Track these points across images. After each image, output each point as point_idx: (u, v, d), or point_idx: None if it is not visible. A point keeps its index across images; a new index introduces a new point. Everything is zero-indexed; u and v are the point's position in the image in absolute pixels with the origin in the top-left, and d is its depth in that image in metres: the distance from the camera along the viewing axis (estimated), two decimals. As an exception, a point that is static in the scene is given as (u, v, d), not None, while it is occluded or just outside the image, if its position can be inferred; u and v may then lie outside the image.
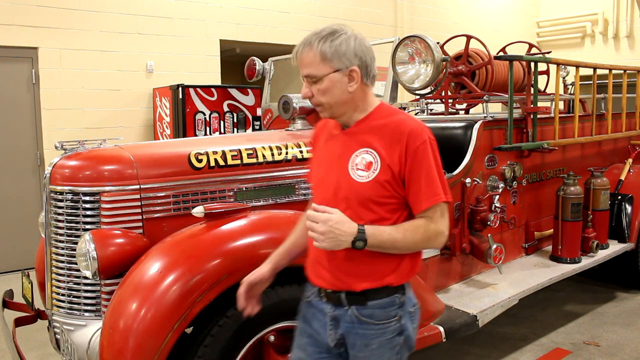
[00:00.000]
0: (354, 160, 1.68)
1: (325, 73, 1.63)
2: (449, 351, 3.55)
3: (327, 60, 1.62)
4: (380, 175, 1.63)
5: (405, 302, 1.73)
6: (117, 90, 6.52)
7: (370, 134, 1.68)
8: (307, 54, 1.63)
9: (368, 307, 1.68)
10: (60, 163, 2.43)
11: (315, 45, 1.62)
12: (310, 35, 1.64)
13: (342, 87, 1.64)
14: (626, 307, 4.33)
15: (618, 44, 10.48)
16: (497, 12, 10.86)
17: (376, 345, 1.69)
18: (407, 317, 1.73)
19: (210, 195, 2.51)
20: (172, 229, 2.37)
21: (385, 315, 1.69)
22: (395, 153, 1.63)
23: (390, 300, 1.69)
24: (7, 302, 2.96)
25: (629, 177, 4.44)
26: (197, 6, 7.09)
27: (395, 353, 1.72)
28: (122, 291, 2.08)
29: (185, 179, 2.47)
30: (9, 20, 5.75)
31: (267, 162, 2.68)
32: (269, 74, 4.13)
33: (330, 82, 1.64)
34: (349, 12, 8.60)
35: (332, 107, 1.68)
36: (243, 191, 2.59)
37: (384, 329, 1.69)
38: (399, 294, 1.71)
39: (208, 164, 2.54)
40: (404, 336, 1.73)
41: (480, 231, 3.24)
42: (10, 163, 5.89)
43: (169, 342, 1.96)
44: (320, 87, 1.64)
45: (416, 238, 1.63)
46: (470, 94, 3.87)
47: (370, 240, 1.58)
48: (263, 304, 2.17)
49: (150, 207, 2.37)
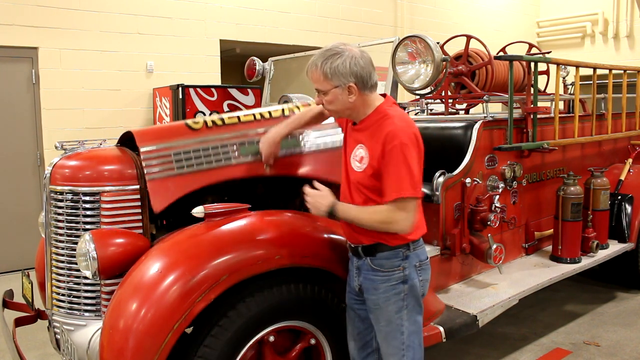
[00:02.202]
0: (354, 153, 2.15)
1: (329, 88, 2.04)
2: (449, 351, 3.55)
3: (328, 78, 2.02)
4: (367, 168, 2.07)
5: (409, 256, 2.11)
6: (117, 90, 6.52)
7: (364, 133, 2.11)
8: (313, 73, 2.05)
9: (377, 258, 2.11)
10: (60, 163, 2.43)
11: (319, 65, 2.02)
12: (316, 56, 2.04)
13: (344, 98, 2.05)
14: (626, 307, 4.33)
15: (618, 44, 10.48)
16: (497, 12, 10.86)
17: (383, 289, 2.11)
18: (412, 269, 2.12)
19: (213, 152, 2.47)
20: (178, 188, 2.35)
21: (390, 265, 2.11)
22: (377, 150, 2.02)
23: (394, 253, 2.10)
24: (7, 302, 2.96)
25: (629, 177, 4.44)
26: (197, 6, 7.09)
27: (400, 299, 2.11)
28: (122, 291, 2.08)
29: (184, 138, 2.44)
30: (9, 20, 5.75)
31: (264, 118, 2.67)
32: (269, 74, 4.13)
33: (333, 95, 2.05)
34: (349, 12, 8.60)
35: (339, 113, 2.15)
36: (246, 145, 2.56)
37: (389, 275, 2.11)
38: (402, 248, 2.10)
39: (205, 124, 2.53)
40: (409, 285, 2.11)
41: (480, 231, 3.24)
42: (10, 163, 5.89)
43: (169, 342, 1.96)
44: (327, 99, 2.08)
45: (374, 219, 2.03)
46: (470, 94, 3.87)
47: (340, 215, 2.08)
48: (263, 304, 2.18)
49: (152, 168, 2.34)
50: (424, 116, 4.23)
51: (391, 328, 2.13)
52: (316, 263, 2.31)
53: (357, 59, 2.01)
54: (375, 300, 2.13)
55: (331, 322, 2.40)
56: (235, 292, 2.14)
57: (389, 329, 2.13)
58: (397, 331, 2.12)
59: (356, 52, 2.02)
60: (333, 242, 2.36)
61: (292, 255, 2.24)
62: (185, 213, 2.41)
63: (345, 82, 2.01)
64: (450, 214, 3.14)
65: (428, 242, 3.13)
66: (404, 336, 2.13)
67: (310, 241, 2.33)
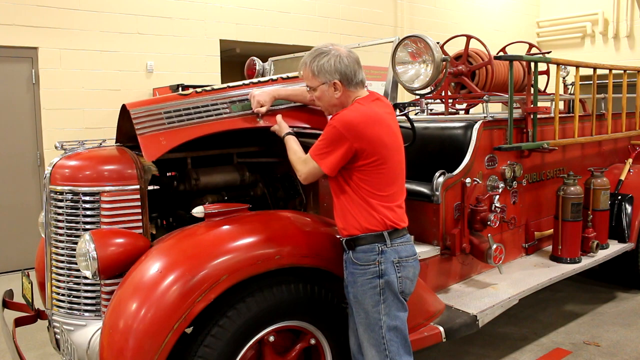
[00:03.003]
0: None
1: (317, 85, 2.22)
2: (449, 351, 3.55)
3: (315, 76, 2.21)
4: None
5: (386, 251, 2.17)
6: (117, 90, 6.52)
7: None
8: (304, 70, 2.25)
9: (357, 252, 2.19)
10: (60, 163, 2.43)
11: (308, 64, 2.21)
12: (306, 56, 2.22)
13: (330, 94, 2.22)
14: (626, 307, 4.33)
15: (618, 44, 10.48)
16: (497, 12, 10.86)
17: (360, 282, 2.18)
18: (389, 264, 2.17)
19: (204, 109, 2.48)
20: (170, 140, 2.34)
21: (366, 259, 2.17)
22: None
23: (371, 247, 2.17)
24: (7, 302, 2.96)
25: (629, 177, 4.44)
26: (197, 6, 7.09)
27: (376, 293, 2.16)
28: (122, 291, 2.08)
29: (175, 101, 2.46)
30: (9, 20, 5.76)
31: (253, 82, 2.71)
32: (269, 74, 4.13)
33: (321, 92, 2.24)
34: (349, 12, 8.60)
35: (327, 109, 2.31)
36: (237, 103, 2.58)
37: (364, 269, 2.17)
38: (380, 243, 2.17)
39: (195, 91, 2.55)
40: (384, 280, 2.16)
41: (480, 231, 3.24)
42: (10, 163, 5.89)
43: (169, 342, 1.96)
44: (316, 95, 2.26)
45: (294, 158, 2.32)
46: (470, 94, 3.87)
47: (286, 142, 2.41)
48: (263, 304, 2.18)
49: (143, 124, 2.34)
50: (424, 116, 4.24)
51: (369, 321, 2.18)
52: (316, 263, 2.31)
53: (342, 58, 2.17)
54: (354, 292, 2.19)
55: (331, 322, 2.40)
56: (235, 292, 2.14)
57: (367, 322, 2.18)
58: (376, 325, 2.17)
59: (342, 51, 2.19)
60: (333, 242, 2.36)
61: (292, 255, 2.24)
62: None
63: (330, 79, 2.18)
64: (450, 214, 3.14)
65: (428, 242, 3.13)
66: (383, 330, 2.16)
67: (310, 241, 2.32)
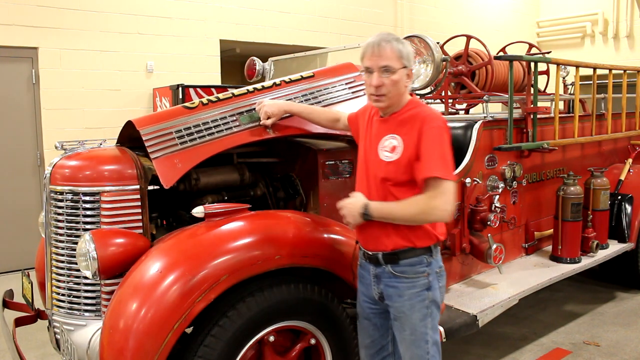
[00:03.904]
0: (382, 144, 2.07)
1: (398, 67, 1.99)
2: (449, 351, 3.54)
3: (400, 57, 1.99)
4: (402, 158, 1.99)
5: (432, 262, 2.07)
6: (117, 90, 6.52)
7: (396, 123, 2.05)
8: (387, 49, 1.98)
9: (400, 265, 2.04)
10: (60, 163, 2.43)
11: (393, 43, 1.99)
12: (383, 35, 2.01)
13: (403, 82, 2.02)
14: (626, 307, 4.33)
15: (618, 44, 10.48)
16: (497, 12, 10.86)
17: (407, 296, 2.04)
18: (434, 275, 2.07)
19: (213, 124, 2.48)
20: (185, 162, 2.35)
21: (414, 272, 2.04)
22: (414, 138, 1.97)
23: (419, 260, 2.04)
24: (7, 302, 2.96)
25: (629, 177, 4.44)
26: (197, 6, 7.09)
27: (424, 306, 2.05)
28: (122, 291, 2.08)
29: (183, 117, 2.46)
30: (9, 20, 5.75)
31: (257, 89, 2.70)
32: (269, 74, 4.13)
33: (399, 76, 2.00)
34: (349, 12, 8.60)
35: (392, 98, 2.03)
36: (245, 114, 2.58)
37: (413, 282, 2.04)
38: (427, 255, 2.05)
39: (201, 103, 2.55)
40: (432, 292, 2.06)
41: (480, 231, 3.24)
42: (10, 163, 5.89)
43: (169, 342, 1.96)
44: (393, 78, 1.99)
45: (412, 211, 1.95)
46: (470, 94, 3.87)
47: (374, 214, 1.99)
48: (263, 304, 2.18)
49: (155, 147, 2.33)
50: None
51: (416, 337, 2.06)
52: (316, 263, 2.31)
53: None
54: (400, 307, 2.06)
55: (331, 322, 2.40)
56: (235, 292, 2.14)
57: (413, 338, 2.06)
58: (422, 340, 2.06)
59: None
60: (333, 242, 2.36)
61: (292, 255, 2.24)
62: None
63: (409, 66, 2.02)
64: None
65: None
66: (428, 345, 2.07)
67: (310, 241, 2.32)
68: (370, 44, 2.01)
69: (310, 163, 2.77)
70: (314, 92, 2.80)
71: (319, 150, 2.74)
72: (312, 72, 2.90)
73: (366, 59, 2.03)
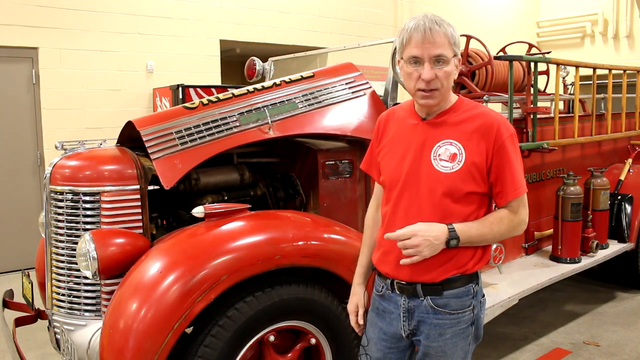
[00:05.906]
0: (436, 152, 1.68)
1: (451, 56, 1.63)
2: (449, 351, 3.54)
3: (453, 44, 1.62)
4: (466, 167, 1.64)
5: (478, 291, 1.74)
6: (117, 90, 6.52)
7: (454, 126, 1.68)
8: (440, 33, 1.60)
9: (443, 297, 1.69)
10: (60, 163, 2.43)
11: (444, 26, 1.61)
12: (429, 16, 1.63)
13: (454, 73, 1.66)
14: (626, 307, 4.33)
15: (618, 44, 10.48)
16: (497, 12, 10.85)
17: (450, 334, 1.70)
18: (479, 307, 1.75)
19: (214, 125, 2.48)
20: (185, 163, 2.34)
21: (460, 305, 1.70)
22: (481, 146, 1.64)
23: (466, 290, 1.70)
24: (7, 302, 2.96)
25: (629, 177, 4.44)
26: (197, 6, 7.09)
27: (467, 343, 1.73)
28: (122, 291, 2.08)
29: (183, 117, 2.45)
30: (9, 20, 5.75)
31: (257, 89, 2.70)
32: (269, 74, 4.13)
33: (452, 67, 1.64)
34: (349, 12, 8.60)
35: (445, 93, 1.67)
36: (245, 114, 2.57)
37: (458, 318, 1.70)
38: (473, 283, 1.72)
39: (201, 103, 2.55)
40: (476, 326, 1.74)
41: (480, 231, 3.23)
42: (10, 163, 5.89)
43: (169, 342, 1.96)
44: (447, 70, 1.62)
45: (501, 229, 1.66)
46: (470, 94, 3.87)
47: (462, 237, 1.62)
48: (263, 304, 2.18)
49: (155, 147, 2.33)
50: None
51: None
52: (316, 263, 2.31)
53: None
54: (441, 347, 1.70)
55: (331, 322, 2.39)
56: (235, 292, 2.14)
57: None
58: None
59: None
60: (333, 242, 2.36)
61: (292, 255, 2.23)
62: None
63: (457, 53, 1.65)
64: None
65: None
66: None
67: (310, 241, 2.32)
68: (418, 28, 1.61)
69: (310, 163, 2.77)
70: (314, 92, 2.80)
71: (319, 150, 2.74)
72: (312, 72, 2.90)
73: (413, 46, 1.61)
